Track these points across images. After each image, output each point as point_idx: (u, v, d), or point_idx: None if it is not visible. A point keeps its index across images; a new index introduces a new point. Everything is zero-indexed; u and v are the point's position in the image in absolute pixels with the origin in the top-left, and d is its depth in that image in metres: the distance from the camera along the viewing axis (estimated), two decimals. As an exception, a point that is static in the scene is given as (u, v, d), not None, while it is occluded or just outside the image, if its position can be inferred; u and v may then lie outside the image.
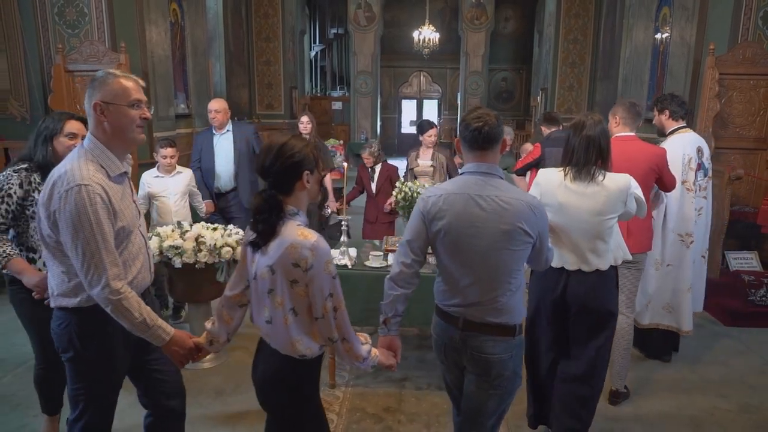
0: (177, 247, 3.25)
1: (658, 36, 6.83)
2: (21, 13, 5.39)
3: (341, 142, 9.00)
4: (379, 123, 15.21)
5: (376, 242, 3.73)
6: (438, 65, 17.79)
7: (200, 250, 3.28)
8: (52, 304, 1.88)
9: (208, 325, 1.94)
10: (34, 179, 2.36)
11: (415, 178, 4.82)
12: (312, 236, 1.67)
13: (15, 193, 2.31)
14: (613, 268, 2.49)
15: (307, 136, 5.11)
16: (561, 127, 4.72)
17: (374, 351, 1.87)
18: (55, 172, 1.76)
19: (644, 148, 2.95)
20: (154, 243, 3.24)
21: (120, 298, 1.73)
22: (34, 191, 2.35)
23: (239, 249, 3.52)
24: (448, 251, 1.91)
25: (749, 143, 5.05)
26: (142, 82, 1.85)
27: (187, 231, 3.37)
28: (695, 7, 5.62)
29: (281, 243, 1.65)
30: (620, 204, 2.39)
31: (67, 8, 5.29)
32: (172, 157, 4.01)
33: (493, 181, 1.89)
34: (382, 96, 16.73)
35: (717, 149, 4.94)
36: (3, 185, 2.31)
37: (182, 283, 3.48)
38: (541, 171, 2.62)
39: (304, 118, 5.16)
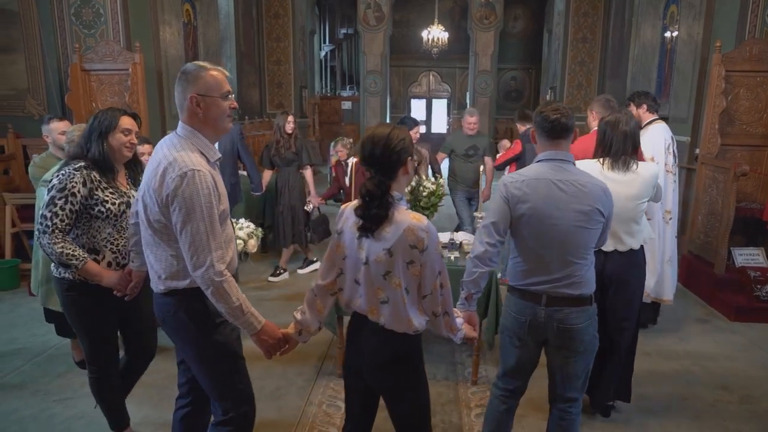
0: None
1: (666, 34, 6.85)
2: (39, 14, 5.55)
3: (351, 140, 9.11)
4: (388, 122, 15.26)
5: None
6: (447, 65, 17.83)
7: None
8: (159, 288, 1.92)
9: (298, 315, 1.98)
10: (94, 176, 2.29)
11: None
12: (424, 219, 1.77)
13: (79, 191, 2.23)
14: (642, 247, 2.77)
15: (290, 134, 5.18)
16: None
17: (464, 324, 2.00)
18: (162, 161, 1.80)
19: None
20: None
21: (222, 281, 1.79)
22: (97, 189, 2.28)
23: (251, 242, 3.63)
24: (532, 232, 2.10)
25: (755, 140, 5.07)
26: (227, 74, 1.93)
27: None
28: (702, 5, 5.64)
29: (398, 226, 1.74)
30: (651, 189, 2.69)
31: (83, 9, 5.43)
32: (149, 154, 3.90)
33: (568, 167, 2.12)
34: (392, 95, 16.80)
35: (723, 146, 4.98)
36: (66, 184, 2.21)
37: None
38: (579, 163, 2.76)
39: (290, 118, 5.15)
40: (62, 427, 2.87)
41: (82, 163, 2.28)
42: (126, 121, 2.36)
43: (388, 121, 14.97)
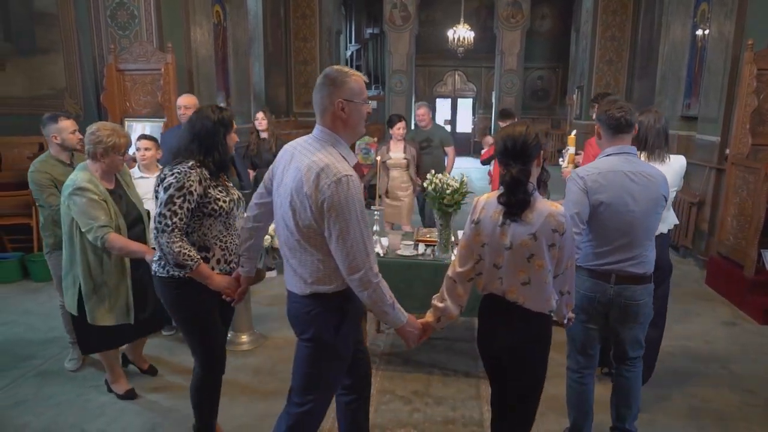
0: None
1: (697, 32, 6.73)
2: (77, 16, 5.75)
3: (375, 139, 9.25)
4: (413, 122, 15.29)
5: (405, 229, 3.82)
6: (473, 64, 17.77)
7: None
8: (304, 291, 1.95)
9: (439, 303, 2.09)
10: (205, 175, 2.25)
11: (388, 170, 5.15)
12: (561, 207, 1.97)
13: (195, 190, 2.20)
14: (669, 231, 3.00)
15: (264, 134, 5.15)
16: (516, 120, 5.39)
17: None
18: (312, 166, 1.82)
19: None
20: None
21: (378, 281, 1.86)
22: (209, 187, 2.26)
23: (275, 239, 3.72)
24: (609, 219, 2.31)
25: (788, 140, 4.96)
26: (366, 79, 1.99)
27: None
28: (734, 3, 5.53)
29: (540, 213, 1.91)
30: (680, 179, 2.94)
31: (119, 11, 5.61)
32: (147, 149, 3.61)
33: (634, 159, 2.36)
34: (417, 95, 16.81)
35: (754, 146, 4.89)
36: (184, 182, 2.18)
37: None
38: None
39: (259, 114, 5.08)
40: (97, 411, 2.99)
41: (192, 162, 2.24)
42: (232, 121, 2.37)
43: (412, 119, 14.97)
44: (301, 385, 2.05)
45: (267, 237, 3.51)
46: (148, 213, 2.99)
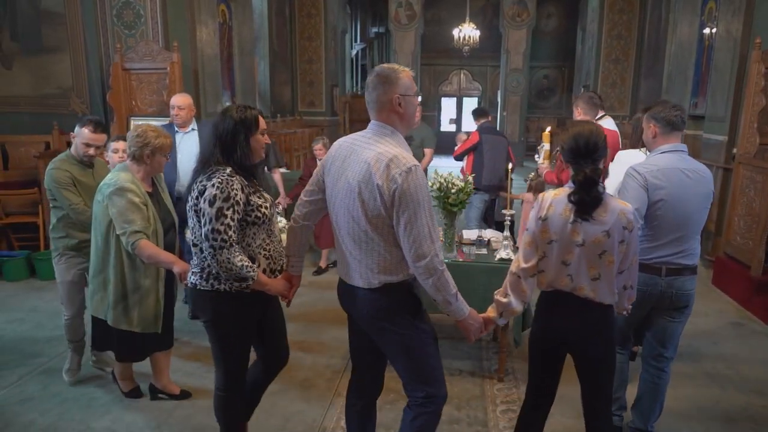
0: None
1: (704, 31, 6.69)
2: (83, 15, 5.77)
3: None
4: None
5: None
6: (478, 63, 17.73)
7: None
8: (372, 284, 1.96)
9: (502, 299, 2.13)
10: (244, 182, 2.13)
11: None
12: (629, 204, 2.05)
13: (240, 199, 2.08)
14: None
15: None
16: (489, 118, 5.65)
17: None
18: (380, 157, 1.86)
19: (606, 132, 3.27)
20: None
21: (443, 269, 1.90)
22: (251, 194, 2.14)
23: (282, 236, 3.72)
24: (665, 214, 2.39)
25: (796, 139, 4.92)
26: (413, 73, 2.05)
27: None
28: (742, 1, 5.49)
29: (613, 210, 1.98)
30: None
31: (124, 10, 5.63)
32: (124, 151, 3.14)
33: (686, 156, 2.46)
34: (422, 94, 16.80)
35: (762, 145, 4.85)
36: (229, 192, 2.04)
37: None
38: (623, 153, 3.07)
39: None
40: (102, 410, 3.01)
41: (230, 169, 2.10)
42: (263, 122, 2.22)
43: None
44: (416, 380, 2.06)
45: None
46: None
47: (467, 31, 13.37)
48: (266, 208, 2.20)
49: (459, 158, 5.43)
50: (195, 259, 2.21)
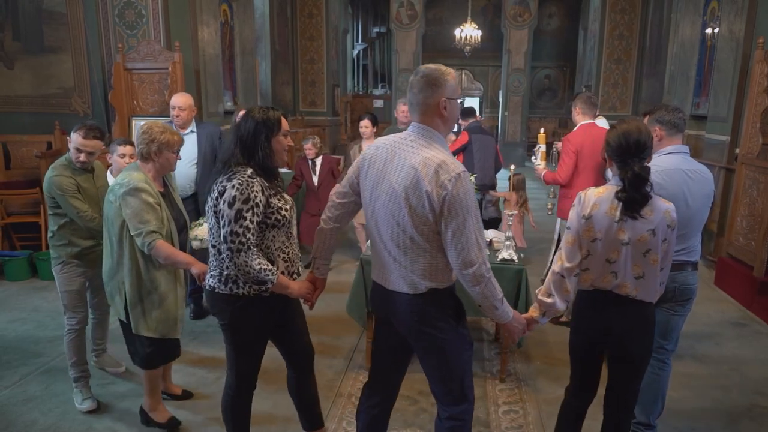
0: None
1: (707, 31, 6.68)
2: (85, 15, 5.78)
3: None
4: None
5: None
6: (480, 63, 17.72)
7: None
8: (419, 290, 1.94)
9: (546, 299, 2.13)
10: (265, 183, 2.10)
11: None
12: (671, 203, 2.05)
13: (260, 201, 2.05)
14: None
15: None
16: (477, 118, 5.65)
17: None
18: (428, 162, 1.82)
19: (603, 131, 3.25)
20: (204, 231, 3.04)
21: (491, 276, 1.87)
22: (271, 197, 2.11)
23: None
24: None
25: (799, 139, 4.90)
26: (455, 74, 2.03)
27: None
28: (744, 1, 5.48)
29: (659, 209, 2.00)
30: None
31: (126, 10, 5.63)
32: (131, 156, 3.17)
33: (688, 157, 2.50)
34: (423, 94, 16.79)
35: (765, 145, 4.84)
36: (249, 194, 2.01)
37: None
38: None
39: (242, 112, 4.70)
40: (104, 409, 3.00)
41: (251, 170, 2.08)
42: (285, 123, 2.17)
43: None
44: (451, 385, 2.04)
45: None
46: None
47: (468, 31, 13.36)
48: (286, 210, 2.16)
49: None
50: (213, 260, 2.18)
